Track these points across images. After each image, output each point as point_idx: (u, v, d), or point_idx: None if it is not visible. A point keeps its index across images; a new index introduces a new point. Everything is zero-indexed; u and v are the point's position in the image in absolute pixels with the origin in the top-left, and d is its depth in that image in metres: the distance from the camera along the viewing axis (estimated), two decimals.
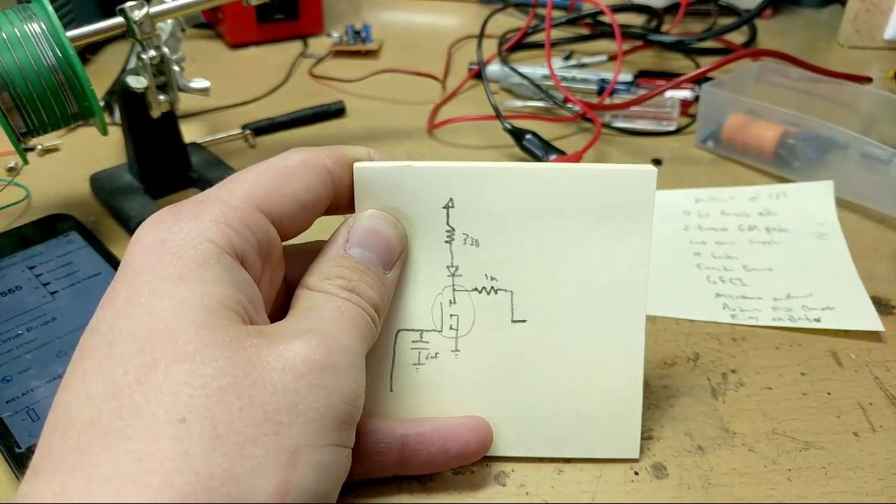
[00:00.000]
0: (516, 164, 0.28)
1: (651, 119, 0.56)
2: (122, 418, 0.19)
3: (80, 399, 0.20)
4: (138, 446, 0.19)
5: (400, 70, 0.62)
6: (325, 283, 0.25)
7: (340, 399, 0.22)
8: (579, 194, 0.28)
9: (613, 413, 0.29)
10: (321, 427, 0.21)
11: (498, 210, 0.28)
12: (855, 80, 0.55)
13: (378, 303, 0.26)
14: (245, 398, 0.20)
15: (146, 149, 0.44)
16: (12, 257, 0.39)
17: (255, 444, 0.20)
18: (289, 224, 0.25)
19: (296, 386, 0.21)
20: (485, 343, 0.29)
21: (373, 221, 0.27)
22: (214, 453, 0.19)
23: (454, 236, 0.28)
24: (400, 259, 0.27)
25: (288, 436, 0.20)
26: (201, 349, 0.20)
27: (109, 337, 0.21)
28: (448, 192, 0.28)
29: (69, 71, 0.35)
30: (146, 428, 0.19)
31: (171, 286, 0.21)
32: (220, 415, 0.19)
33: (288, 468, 0.20)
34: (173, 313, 0.21)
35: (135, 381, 0.20)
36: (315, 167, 0.26)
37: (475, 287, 0.29)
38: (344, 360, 0.23)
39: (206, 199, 0.24)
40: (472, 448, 0.28)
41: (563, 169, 0.28)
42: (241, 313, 0.22)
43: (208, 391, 0.20)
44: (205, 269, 0.22)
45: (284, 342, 0.22)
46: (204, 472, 0.18)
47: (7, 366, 0.32)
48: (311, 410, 0.21)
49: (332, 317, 0.24)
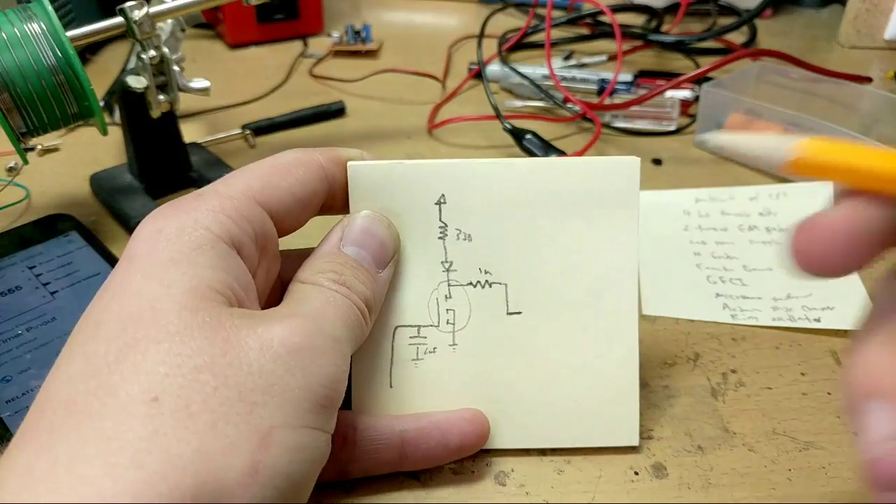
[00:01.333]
0: (505, 160, 0.29)
1: (651, 119, 0.56)
2: (98, 397, 0.19)
3: (60, 379, 0.20)
4: (109, 425, 0.19)
5: (400, 70, 0.62)
6: (318, 276, 0.25)
7: (317, 382, 0.22)
8: (566, 187, 0.28)
9: (611, 401, 0.29)
10: (296, 408, 0.21)
11: (489, 205, 0.28)
12: (855, 80, 0.55)
13: (369, 298, 0.26)
14: (220, 377, 0.20)
15: (146, 149, 0.44)
16: (12, 257, 0.39)
17: (228, 423, 0.20)
18: (285, 217, 0.26)
19: (272, 367, 0.21)
20: (481, 336, 0.29)
21: (367, 222, 0.27)
22: (186, 432, 0.19)
23: (447, 232, 0.29)
24: (393, 259, 0.28)
25: (261, 416, 0.20)
26: (181, 329, 0.20)
27: (98, 318, 0.21)
28: (440, 189, 0.28)
29: (69, 71, 0.35)
30: (119, 407, 0.19)
31: (162, 269, 0.22)
32: (193, 394, 0.19)
33: (260, 448, 0.20)
34: (160, 294, 0.21)
35: (114, 361, 0.20)
36: (309, 163, 0.27)
37: (470, 281, 0.29)
38: (323, 343, 0.22)
39: (204, 193, 0.25)
40: (471, 440, 0.28)
41: (549, 163, 0.29)
42: (230, 297, 0.22)
43: (184, 370, 0.20)
44: (197, 253, 0.22)
45: (265, 324, 0.22)
46: (174, 451, 0.19)
47: (7, 366, 0.32)
48: (287, 391, 0.21)
49: (319, 305, 0.24)
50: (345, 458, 0.27)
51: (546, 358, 0.29)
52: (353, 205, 0.28)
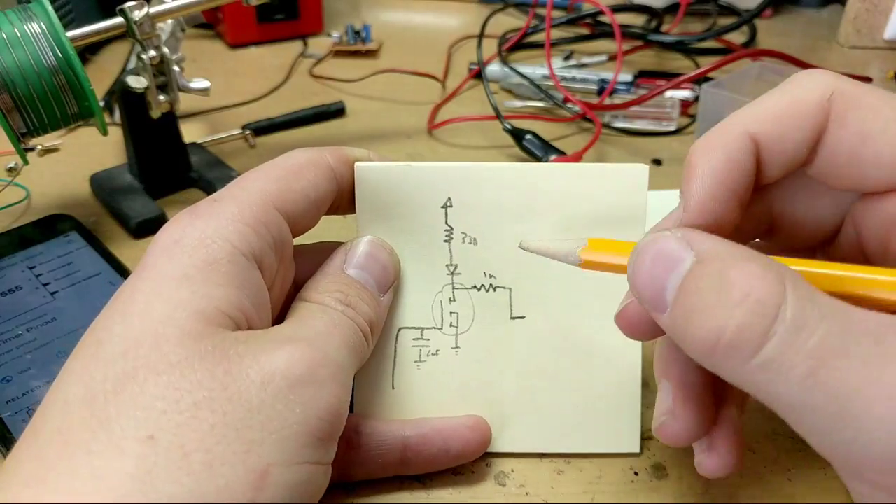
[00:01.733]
0: (512, 164, 0.29)
1: (651, 119, 0.56)
2: (91, 430, 0.19)
3: (57, 403, 0.20)
4: (100, 462, 0.18)
5: (400, 70, 0.62)
6: (323, 295, 0.25)
7: (317, 416, 0.21)
8: (573, 192, 0.28)
9: (613, 407, 0.29)
10: (294, 445, 0.21)
11: (495, 209, 0.28)
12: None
13: (373, 319, 0.26)
14: (219, 414, 0.20)
15: (146, 149, 0.44)
16: (12, 257, 0.39)
17: (224, 463, 0.19)
18: (300, 220, 0.26)
19: (272, 402, 0.20)
20: (485, 340, 0.29)
21: (370, 247, 0.28)
22: (180, 472, 0.19)
23: (453, 235, 0.29)
24: (393, 285, 0.28)
25: (259, 455, 0.20)
26: (182, 360, 0.20)
27: (101, 336, 0.21)
28: (446, 192, 0.28)
29: (69, 71, 0.35)
30: (112, 443, 0.19)
31: (172, 287, 0.21)
32: (190, 432, 0.19)
33: (256, 489, 0.19)
34: (165, 316, 0.21)
35: (111, 391, 0.19)
36: (320, 164, 0.26)
37: (474, 285, 0.29)
38: (327, 373, 0.22)
39: (221, 198, 0.24)
40: (473, 447, 0.28)
41: (557, 168, 0.29)
42: (239, 318, 0.22)
43: (181, 406, 0.19)
44: (212, 269, 0.22)
45: (267, 352, 0.21)
46: (166, 492, 0.18)
47: (7, 366, 0.32)
48: (286, 428, 0.21)
49: (324, 328, 0.24)
50: (347, 461, 0.27)
51: (548, 363, 0.29)
52: (359, 205, 0.28)
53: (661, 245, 0.20)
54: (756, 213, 0.24)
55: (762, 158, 0.22)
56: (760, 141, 0.22)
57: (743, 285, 0.18)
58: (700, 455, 0.24)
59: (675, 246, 0.20)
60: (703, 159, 0.22)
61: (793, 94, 0.22)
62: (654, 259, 0.20)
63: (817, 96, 0.22)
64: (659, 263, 0.20)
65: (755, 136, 0.22)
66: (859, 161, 0.21)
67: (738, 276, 0.18)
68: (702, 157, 0.22)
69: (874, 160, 0.21)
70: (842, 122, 0.21)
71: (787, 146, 0.22)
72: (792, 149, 0.22)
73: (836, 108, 0.21)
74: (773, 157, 0.22)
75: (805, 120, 0.22)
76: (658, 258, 0.20)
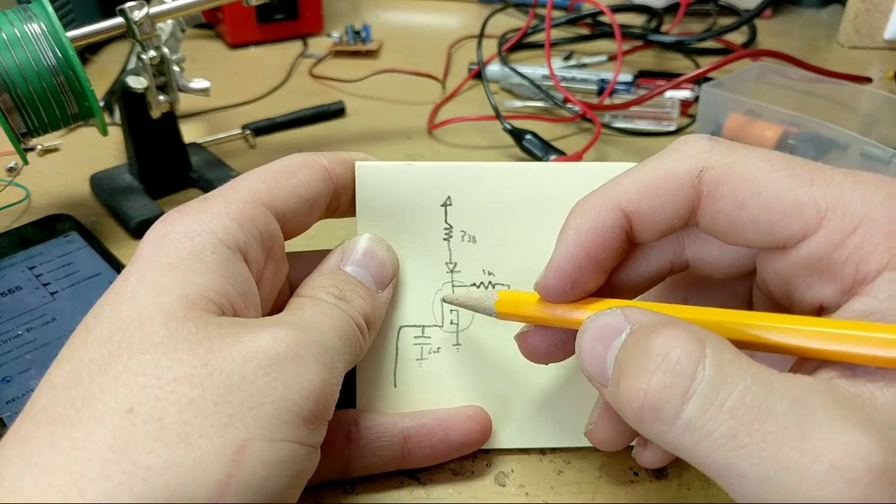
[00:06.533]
0: (511, 163, 0.29)
1: (651, 119, 0.56)
2: (75, 407, 0.19)
3: (46, 387, 0.20)
4: (80, 434, 0.19)
5: (400, 70, 0.62)
6: (317, 290, 0.25)
7: (299, 393, 0.21)
8: (571, 191, 0.28)
9: None
10: (275, 421, 0.21)
11: (494, 207, 0.28)
12: (854, 81, 0.55)
13: (369, 314, 0.26)
14: (198, 388, 0.20)
15: (146, 149, 0.44)
16: (12, 257, 0.39)
17: (201, 435, 0.19)
18: (291, 218, 0.26)
19: (252, 377, 0.21)
20: (485, 336, 0.29)
21: (367, 244, 0.28)
22: (157, 444, 0.19)
23: (452, 233, 0.29)
24: (392, 282, 0.28)
25: (237, 429, 0.20)
26: (166, 340, 0.20)
27: (90, 324, 0.21)
28: (446, 191, 0.28)
29: (69, 71, 0.35)
30: (93, 417, 0.19)
31: (157, 274, 0.22)
32: (169, 406, 0.19)
33: (234, 462, 0.20)
34: (150, 301, 0.21)
35: (97, 371, 0.20)
36: (312, 165, 0.27)
37: (473, 282, 0.29)
38: (310, 353, 0.22)
39: (210, 197, 0.25)
40: (474, 437, 0.29)
41: (556, 167, 0.29)
42: (224, 304, 0.22)
43: (162, 381, 0.20)
44: (197, 259, 0.22)
45: (251, 333, 0.22)
46: (142, 463, 0.18)
47: (7, 366, 0.32)
48: (266, 404, 0.21)
49: (313, 315, 0.24)
50: (347, 455, 0.27)
51: None
52: (359, 204, 0.28)
53: (601, 321, 0.21)
54: (667, 253, 0.25)
55: (635, 226, 0.23)
56: (631, 213, 0.23)
57: (663, 348, 0.18)
58: (636, 448, 0.25)
59: (612, 321, 0.21)
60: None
61: (665, 166, 0.23)
62: (595, 335, 0.21)
63: (685, 172, 0.22)
64: (598, 339, 0.21)
65: (626, 210, 0.23)
66: (739, 227, 0.22)
67: (659, 340, 0.19)
68: (572, 221, 0.23)
69: (752, 226, 0.21)
70: (713, 196, 0.22)
71: (657, 218, 0.23)
72: (663, 220, 0.23)
73: (707, 183, 0.22)
74: (646, 225, 0.23)
75: (675, 196, 0.22)
76: (598, 334, 0.21)
